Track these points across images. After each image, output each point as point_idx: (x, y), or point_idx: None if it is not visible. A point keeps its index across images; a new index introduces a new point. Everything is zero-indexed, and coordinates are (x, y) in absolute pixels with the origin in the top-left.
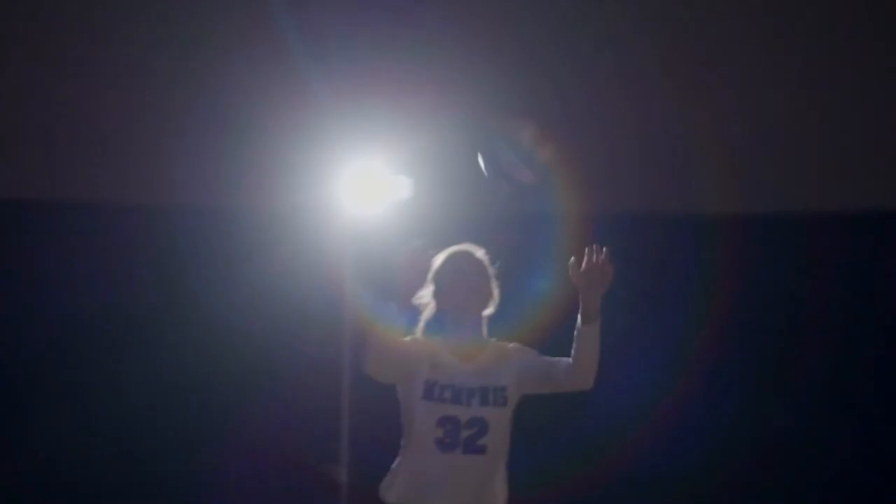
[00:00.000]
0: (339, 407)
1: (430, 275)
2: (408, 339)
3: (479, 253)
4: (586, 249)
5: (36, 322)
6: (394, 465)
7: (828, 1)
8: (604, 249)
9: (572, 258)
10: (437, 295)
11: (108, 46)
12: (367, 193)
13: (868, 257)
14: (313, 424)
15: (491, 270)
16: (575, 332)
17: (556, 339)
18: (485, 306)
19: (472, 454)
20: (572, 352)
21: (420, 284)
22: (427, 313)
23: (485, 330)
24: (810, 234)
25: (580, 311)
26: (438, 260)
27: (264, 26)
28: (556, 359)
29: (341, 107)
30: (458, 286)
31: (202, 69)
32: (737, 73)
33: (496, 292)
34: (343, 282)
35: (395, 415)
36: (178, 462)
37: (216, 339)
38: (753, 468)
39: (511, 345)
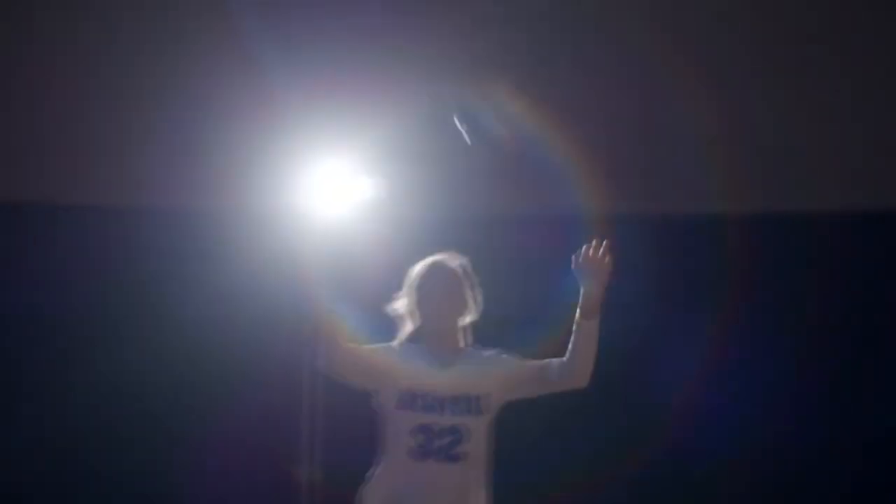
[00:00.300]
0: (307, 408)
1: (407, 285)
2: (381, 346)
3: (456, 262)
4: (585, 243)
5: (8, 322)
6: (369, 473)
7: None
8: (603, 243)
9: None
10: (412, 305)
11: (76, 49)
12: (334, 194)
13: None
14: (281, 425)
15: (469, 279)
16: (573, 326)
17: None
18: (461, 315)
19: (447, 462)
20: (569, 347)
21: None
22: (408, 328)
23: (462, 339)
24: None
25: (579, 304)
26: (415, 270)
27: (230, 27)
28: (547, 360)
29: (308, 107)
30: (433, 295)
31: (170, 71)
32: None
33: (472, 301)
34: (309, 281)
35: (363, 416)
36: (146, 462)
37: (184, 340)
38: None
39: (490, 352)
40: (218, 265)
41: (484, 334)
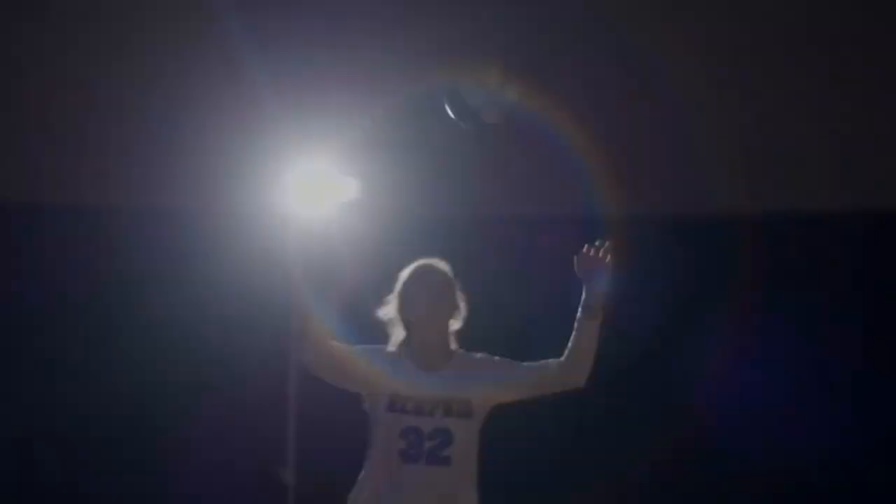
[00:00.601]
0: (286, 408)
1: (395, 289)
2: (369, 348)
3: (443, 266)
4: (586, 244)
5: None
6: (360, 477)
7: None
8: (605, 243)
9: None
10: (401, 308)
11: (54, 48)
12: (313, 195)
13: None
14: (261, 426)
15: (455, 283)
16: (575, 325)
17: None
18: (449, 317)
19: (435, 465)
20: (569, 346)
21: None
22: (399, 333)
23: (451, 342)
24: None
25: (582, 304)
26: (403, 275)
27: (209, 28)
28: (543, 361)
29: (290, 107)
30: (422, 297)
31: (149, 72)
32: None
33: (462, 305)
34: (289, 283)
35: (345, 417)
36: (125, 462)
37: (163, 340)
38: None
39: (479, 355)
40: (199, 265)
41: (477, 336)
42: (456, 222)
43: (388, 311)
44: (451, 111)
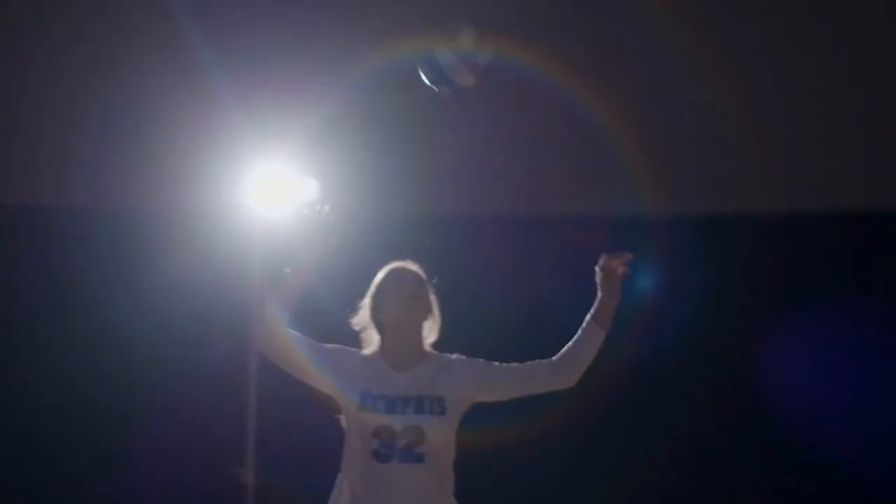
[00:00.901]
0: (245, 409)
1: (368, 293)
2: (340, 348)
3: (415, 267)
4: (605, 253)
5: None
6: (338, 480)
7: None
8: (625, 254)
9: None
10: (374, 310)
11: (9, 47)
12: (272, 195)
13: None
14: (219, 426)
15: (428, 284)
16: (581, 330)
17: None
18: (423, 317)
19: (409, 463)
20: (568, 346)
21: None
22: (374, 338)
23: (425, 343)
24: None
25: (594, 311)
26: (376, 278)
27: (168, 28)
28: (529, 362)
29: (247, 108)
30: (394, 298)
31: (107, 71)
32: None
33: (435, 307)
34: (249, 279)
35: (300, 418)
36: (83, 462)
37: (122, 340)
38: None
39: (454, 356)
40: (158, 265)
41: (444, 337)
42: (416, 222)
43: (362, 316)
44: (426, 75)
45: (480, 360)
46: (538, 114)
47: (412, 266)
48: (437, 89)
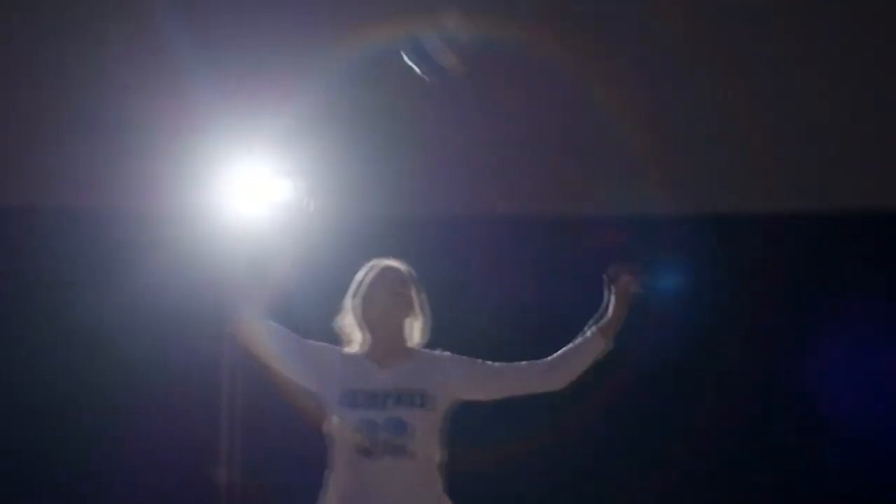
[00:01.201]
0: (220, 409)
1: (351, 289)
2: (323, 344)
3: (399, 264)
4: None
5: None
6: (325, 475)
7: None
8: (636, 267)
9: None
10: (357, 307)
11: None
12: (251, 195)
13: None
14: (195, 427)
15: (415, 281)
16: (583, 337)
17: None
18: (405, 314)
19: (395, 457)
20: (567, 350)
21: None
22: (355, 337)
23: (409, 341)
24: None
25: (602, 322)
26: (359, 274)
27: (147, 26)
28: (525, 362)
29: (225, 107)
30: (378, 293)
31: (84, 69)
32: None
33: (419, 304)
34: (226, 282)
35: (276, 418)
36: (57, 464)
37: (98, 340)
38: None
39: (440, 353)
40: (133, 265)
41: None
42: (393, 223)
43: (344, 313)
44: (409, 59)
45: (467, 357)
46: (530, 105)
47: (396, 263)
48: (420, 72)
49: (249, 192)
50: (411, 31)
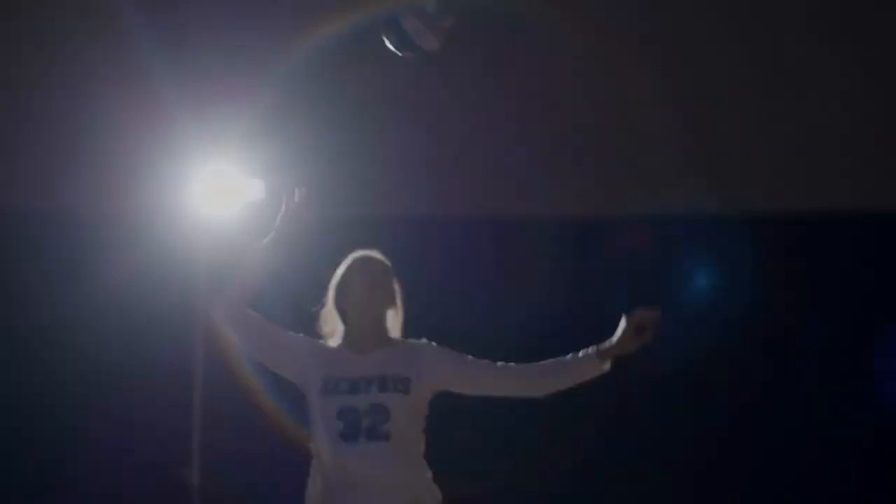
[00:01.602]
0: (190, 409)
1: (332, 281)
2: (302, 336)
3: (379, 255)
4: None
5: None
6: (312, 465)
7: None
8: (658, 315)
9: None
10: (337, 298)
11: None
12: (219, 196)
13: None
14: (164, 427)
15: (391, 272)
16: (583, 354)
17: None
18: (386, 304)
19: (375, 441)
20: (559, 362)
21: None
22: (337, 331)
23: (391, 331)
24: None
25: (606, 344)
26: (340, 267)
27: (115, 27)
28: (509, 363)
29: (193, 109)
30: (359, 283)
31: (52, 69)
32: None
33: (397, 295)
34: (195, 284)
35: (247, 419)
36: (25, 464)
37: (67, 342)
38: None
39: (423, 341)
40: (101, 267)
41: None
42: (364, 222)
43: (326, 305)
44: (390, 41)
45: (451, 348)
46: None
47: (375, 254)
48: (401, 55)
49: (220, 193)
50: (391, 11)
